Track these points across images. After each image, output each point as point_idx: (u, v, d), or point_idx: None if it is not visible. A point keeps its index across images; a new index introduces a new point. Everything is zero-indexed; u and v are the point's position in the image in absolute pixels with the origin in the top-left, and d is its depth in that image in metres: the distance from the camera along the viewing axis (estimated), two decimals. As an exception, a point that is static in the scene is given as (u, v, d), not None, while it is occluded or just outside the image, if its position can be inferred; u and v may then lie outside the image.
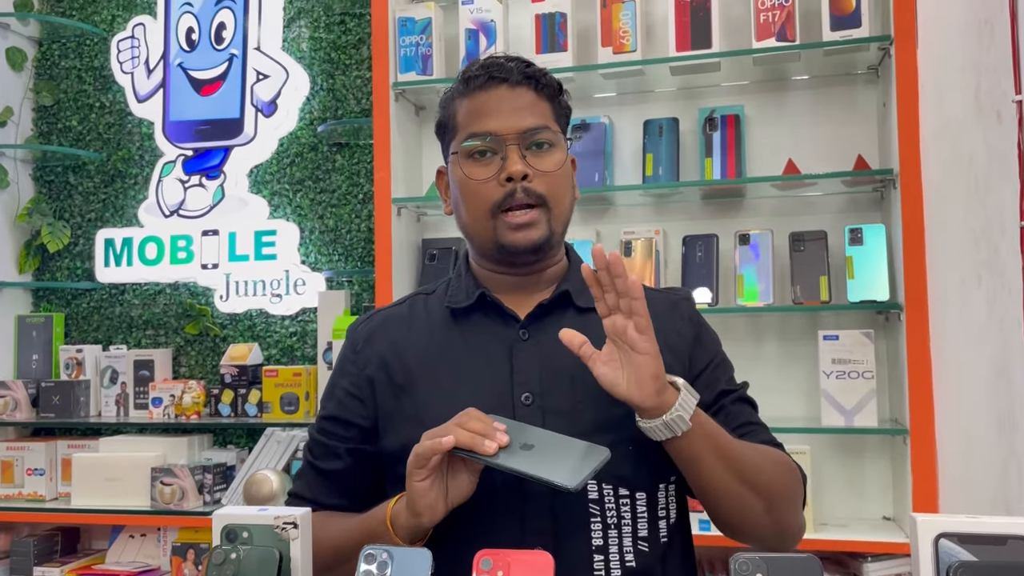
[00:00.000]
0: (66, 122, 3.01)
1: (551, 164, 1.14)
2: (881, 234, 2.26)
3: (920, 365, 2.10)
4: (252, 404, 2.68)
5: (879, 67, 2.36)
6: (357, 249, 2.77)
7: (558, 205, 1.15)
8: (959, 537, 0.89)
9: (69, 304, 2.98)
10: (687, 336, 1.19)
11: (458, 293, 1.20)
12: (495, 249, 1.15)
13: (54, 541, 2.79)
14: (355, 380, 1.21)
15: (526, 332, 1.16)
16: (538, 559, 0.90)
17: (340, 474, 1.21)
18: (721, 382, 1.19)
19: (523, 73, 1.15)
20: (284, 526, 1.07)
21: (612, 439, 1.06)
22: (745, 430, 1.16)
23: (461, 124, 1.16)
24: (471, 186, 1.14)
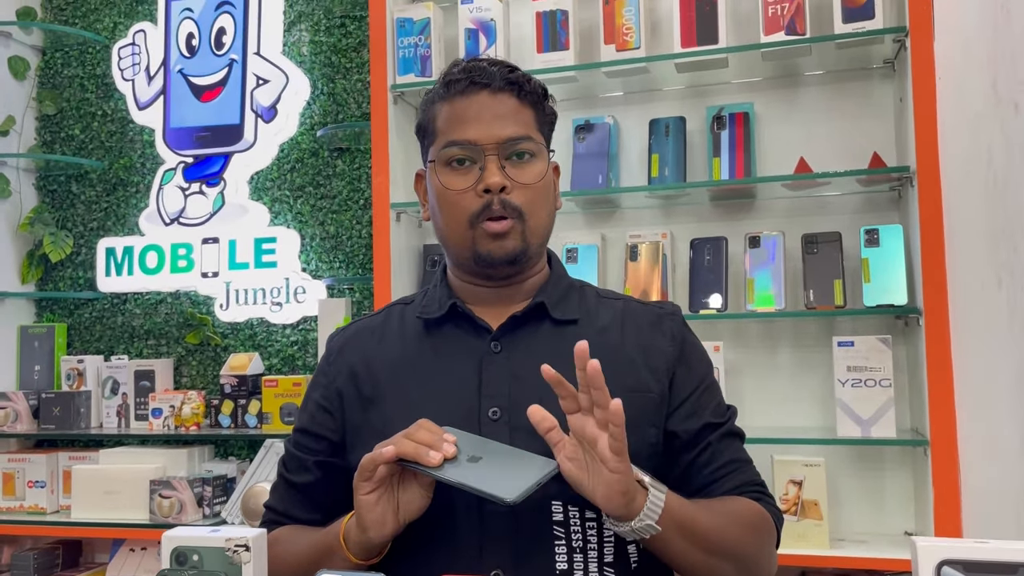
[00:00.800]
0: (69, 131, 2.99)
1: (530, 176, 1.11)
2: (899, 235, 2.15)
3: (940, 372, 1.99)
4: (252, 415, 2.63)
5: (895, 60, 2.26)
6: (358, 256, 2.71)
7: (534, 217, 1.12)
8: (964, 565, 0.81)
9: (72, 314, 2.95)
10: (669, 355, 1.14)
11: (432, 303, 1.18)
12: (472, 259, 1.12)
13: (55, 554, 2.75)
14: (325, 392, 1.19)
15: (498, 344, 1.12)
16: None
17: (310, 487, 1.19)
18: (707, 412, 1.14)
19: (505, 79, 1.12)
20: (236, 549, 1.00)
21: None
22: (728, 469, 1.13)
23: (440, 130, 1.13)
24: (448, 196, 1.11)
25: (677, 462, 1.13)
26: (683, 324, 1.19)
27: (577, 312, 1.15)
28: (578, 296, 1.18)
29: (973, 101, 1.74)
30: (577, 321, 1.14)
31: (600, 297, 1.20)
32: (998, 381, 1.64)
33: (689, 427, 1.12)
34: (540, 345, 1.12)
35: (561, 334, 1.12)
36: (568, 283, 1.19)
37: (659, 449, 1.11)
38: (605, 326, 1.15)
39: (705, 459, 1.12)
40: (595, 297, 1.19)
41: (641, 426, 1.09)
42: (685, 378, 1.14)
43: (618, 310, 1.17)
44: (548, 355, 1.08)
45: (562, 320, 1.14)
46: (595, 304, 1.18)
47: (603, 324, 1.15)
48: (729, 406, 1.19)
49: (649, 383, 1.11)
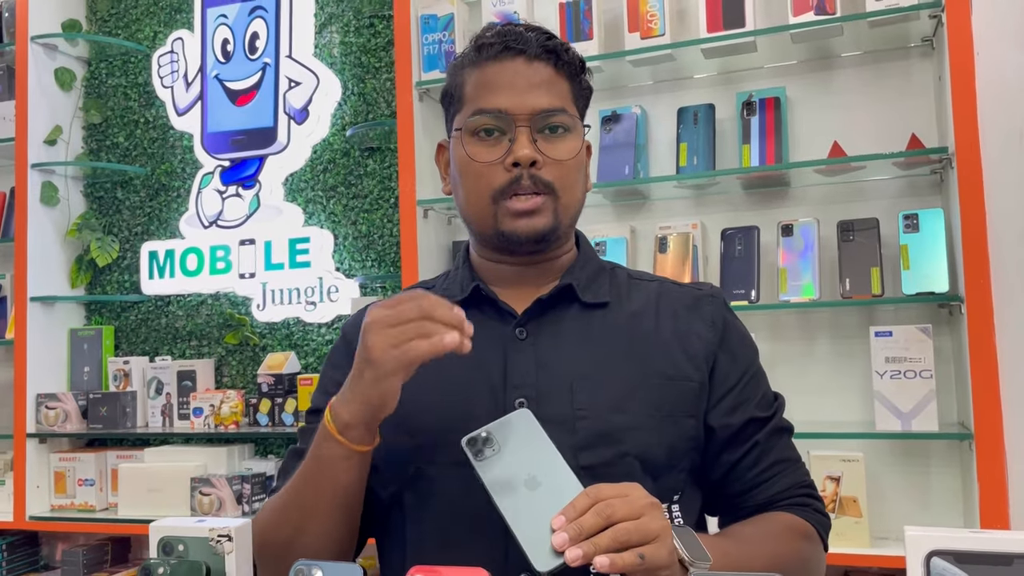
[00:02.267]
0: (114, 139, 3.07)
1: (564, 151, 1.03)
2: (939, 219, 2.06)
3: (984, 362, 1.89)
4: (288, 413, 2.66)
5: (933, 38, 2.16)
6: (390, 254, 2.71)
7: (567, 194, 1.04)
8: (955, 555, 0.76)
9: (119, 317, 3.03)
10: (709, 340, 1.06)
11: (453, 286, 1.11)
12: (495, 236, 1.05)
13: (104, 551, 2.83)
14: (343, 374, 1.12)
15: (523, 331, 1.05)
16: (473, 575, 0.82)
17: None
18: (751, 405, 1.05)
19: (543, 46, 1.03)
20: (219, 539, 1.00)
21: (612, 453, 0.98)
22: (775, 471, 1.05)
23: (469, 97, 1.05)
24: (473, 168, 1.03)
25: (719, 461, 1.06)
26: (725, 306, 1.10)
27: (608, 295, 1.08)
28: (609, 278, 1.11)
29: (1009, 77, 1.65)
30: (608, 304, 1.07)
31: (632, 279, 1.12)
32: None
33: (732, 422, 1.04)
34: (568, 330, 1.05)
35: (590, 318, 1.06)
36: (598, 264, 1.12)
37: (699, 443, 1.04)
38: (638, 310, 1.07)
39: (751, 460, 1.05)
40: (627, 279, 1.12)
41: (678, 417, 1.02)
42: (727, 367, 1.06)
43: (652, 292, 1.10)
44: (576, 341, 1.04)
45: (592, 304, 1.06)
46: (627, 286, 1.10)
47: (636, 308, 1.07)
48: (776, 395, 1.10)
49: (687, 371, 1.04)
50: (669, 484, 1.01)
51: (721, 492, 1.07)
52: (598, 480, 0.94)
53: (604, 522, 0.81)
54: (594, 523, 0.80)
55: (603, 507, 0.81)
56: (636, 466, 0.98)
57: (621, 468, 0.97)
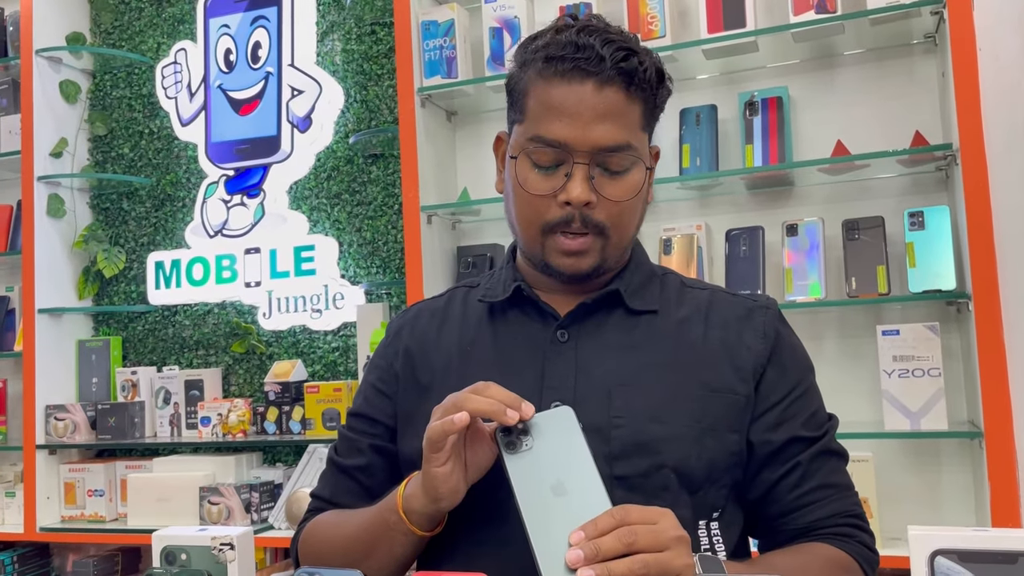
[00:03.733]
0: (119, 150, 3.08)
1: (621, 192, 0.98)
2: (945, 216, 2.05)
3: (993, 359, 1.88)
4: (296, 421, 2.66)
5: (936, 34, 2.15)
6: (394, 260, 2.72)
7: (618, 233, 1.00)
8: (959, 554, 0.75)
9: (126, 327, 3.04)
10: (759, 353, 1.01)
11: (496, 286, 1.08)
12: (540, 265, 1.03)
13: (114, 561, 2.83)
14: (383, 375, 1.11)
15: (565, 333, 1.02)
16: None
17: (362, 471, 1.10)
18: (797, 423, 1.00)
19: (617, 68, 0.95)
20: (221, 547, 1.00)
21: (648, 464, 0.95)
22: (819, 496, 0.99)
23: (531, 112, 0.99)
24: (525, 197, 0.99)
25: (758, 479, 1.00)
26: (778, 319, 1.05)
27: (656, 302, 1.04)
28: (659, 285, 1.06)
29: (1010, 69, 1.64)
30: (656, 312, 1.03)
31: (684, 286, 1.08)
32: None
33: (773, 439, 0.99)
34: (611, 336, 1.01)
35: (635, 325, 1.02)
36: (649, 270, 1.08)
37: (742, 459, 1.00)
38: (686, 317, 1.03)
39: (793, 481, 0.99)
40: (679, 286, 1.08)
41: (720, 432, 0.97)
42: (775, 381, 1.01)
43: (703, 301, 1.05)
44: (619, 347, 1.01)
45: (638, 310, 1.03)
46: (677, 294, 1.06)
47: (684, 315, 1.03)
48: (830, 416, 1.05)
49: (733, 383, 0.99)
50: (708, 501, 0.98)
51: (760, 513, 1.03)
52: (632, 492, 0.93)
53: (624, 549, 0.77)
54: (613, 547, 0.77)
55: (626, 533, 0.77)
56: (673, 479, 0.95)
57: (657, 481, 0.94)
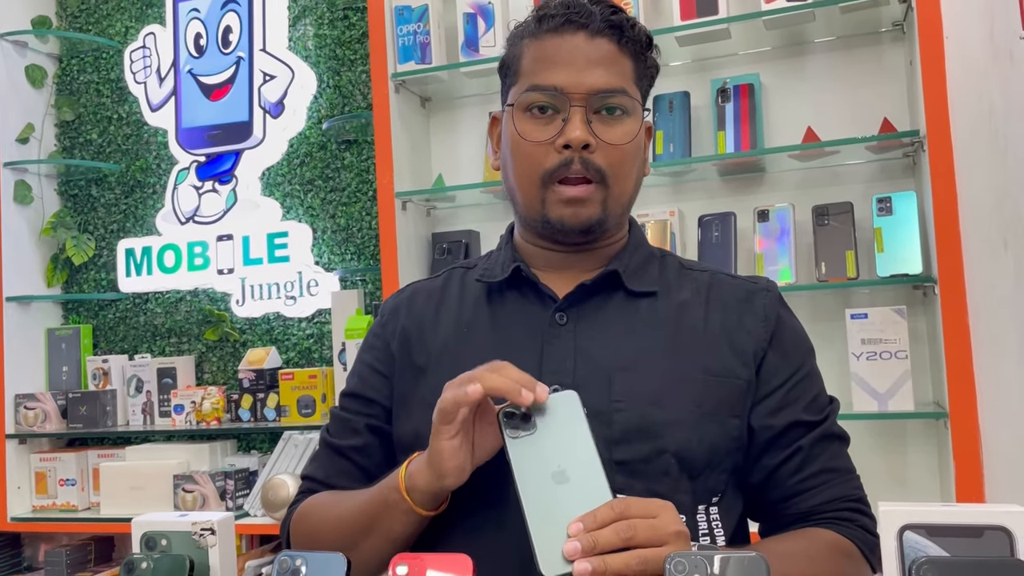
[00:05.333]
0: (87, 136, 3.04)
1: (619, 135, 0.98)
2: (912, 202, 2.09)
3: (958, 342, 1.92)
4: (271, 408, 2.65)
5: (904, 22, 2.19)
6: (369, 247, 2.71)
7: (619, 183, 0.99)
8: (927, 529, 0.77)
9: (96, 315, 3.01)
10: (759, 337, 1.01)
11: (494, 266, 1.08)
12: (541, 223, 1.01)
13: (88, 550, 2.81)
14: (379, 355, 1.10)
15: (563, 316, 1.01)
16: (457, 561, 0.83)
17: (357, 451, 1.09)
18: (798, 407, 0.99)
19: (607, 20, 0.98)
20: (201, 532, 1.01)
21: (648, 449, 0.95)
22: (820, 480, 0.99)
23: (524, 70, 1.01)
24: (523, 147, 0.99)
25: (759, 464, 1.00)
26: (779, 302, 1.04)
27: (656, 284, 1.03)
28: (658, 266, 1.06)
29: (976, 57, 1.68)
30: (655, 294, 1.02)
31: (684, 268, 1.07)
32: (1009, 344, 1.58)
33: (774, 424, 0.98)
34: (610, 318, 1.01)
35: (635, 307, 1.01)
36: (648, 251, 1.07)
37: (743, 444, 0.99)
38: (686, 300, 1.03)
39: (794, 466, 0.98)
40: (678, 268, 1.07)
41: (721, 416, 0.97)
42: (777, 365, 1.00)
43: (703, 283, 1.05)
44: (618, 330, 1.00)
45: (638, 292, 1.02)
46: (677, 276, 1.06)
47: (684, 298, 1.03)
48: (831, 399, 1.04)
49: (734, 368, 0.99)
50: (708, 485, 0.97)
51: (761, 498, 1.02)
52: (633, 477, 0.93)
53: (621, 543, 0.76)
54: (610, 541, 0.76)
55: (625, 527, 0.77)
56: (673, 464, 0.95)
57: (657, 465, 0.94)
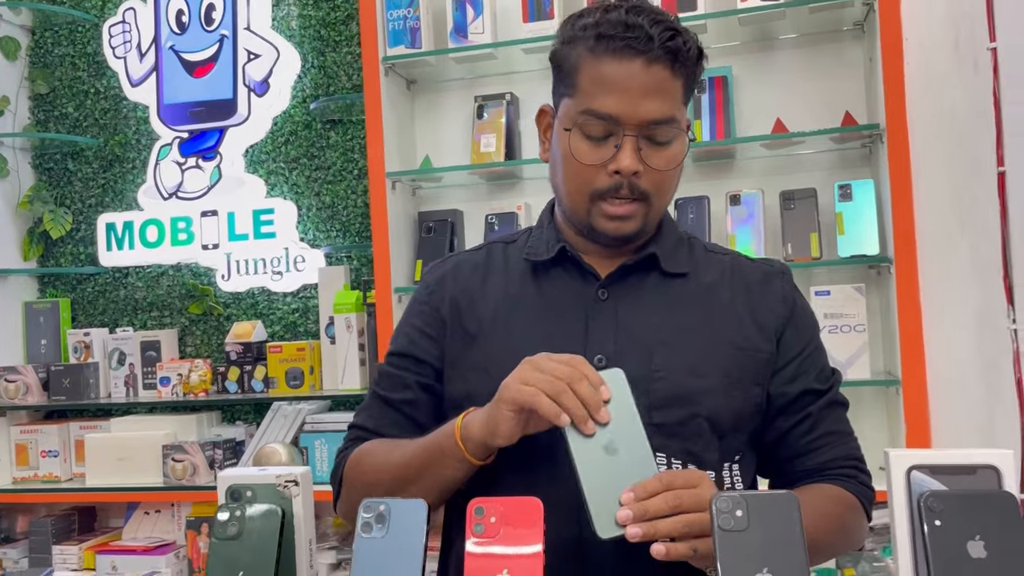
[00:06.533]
0: (62, 109, 3.04)
1: (665, 161, 1.06)
2: (870, 189, 2.29)
3: (910, 316, 2.13)
4: (258, 380, 2.73)
5: (864, 22, 2.37)
6: (354, 224, 2.80)
7: (660, 200, 1.09)
8: (930, 468, 0.93)
9: (74, 289, 3.03)
10: (779, 315, 1.13)
11: (539, 245, 1.16)
12: (585, 228, 1.11)
13: (71, 520, 2.86)
14: (428, 319, 1.18)
15: (605, 292, 1.11)
16: (528, 504, 0.93)
17: (408, 404, 1.17)
18: (810, 377, 1.13)
19: (664, 47, 1.02)
20: (286, 484, 1.11)
21: (685, 414, 1.06)
22: (825, 441, 1.12)
23: (581, 88, 1.06)
24: (575, 166, 1.07)
25: (773, 426, 1.12)
26: (792, 284, 1.16)
27: (687, 266, 1.13)
28: (687, 249, 1.16)
29: (938, 61, 1.86)
30: (687, 275, 1.13)
31: (708, 251, 1.18)
32: (962, 321, 1.78)
33: (788, 391, 1.11)
34: (647, 296, 1.11)
35: (669, 286, 1.12)
36: (678, 235, 1.17)
37: (762, 410, 1.11)
38: (713, 281, 1.13)
39: (804, 429, 1.11)
40: (703, 251, 1.17)
41: (747, 385, 1.09)
42: (792, 339, 1.12)
43: (726, 266, 1.15)
44: (655, 307, 1.11)
45: (672, 273, 1.12)
46: (703, 258, 1.16)
47: (711, 279, 1.13)
48: (834, 371, 1.16)
49: (758, 342, 1.10)
50: (733, 445, 1.09)
51: (773, 455, 1.14)
52: (669, 439, 1.05)
53: (669, 511, 0.88)
54: (660, 509, 0.88)
55: (672, 496, 0.88)
56: (705, 427, 1.06)
57: (691, 428, 1.05)
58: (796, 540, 0.85)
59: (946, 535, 0.85)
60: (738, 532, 0.86)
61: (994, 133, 1.41)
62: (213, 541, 1.05)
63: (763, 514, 0.87)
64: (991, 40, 1.41)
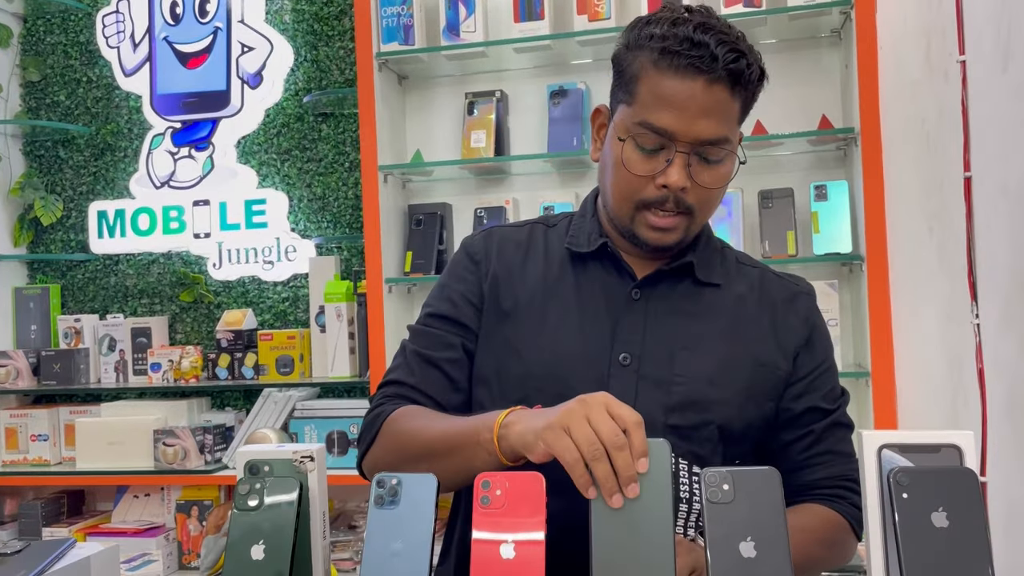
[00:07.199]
0: (54, 97, 3.06)
1: (714, 180, 1.08)
2: (844, 190, 2.39)
3: (880, 312, 2.24)
4: (248, 367, 2.79)
5: (841, 30, 2.47)
6: (345, 216, 2.86)
7: (704, 214, 1.12)
8: (899, 447, 1.02)
9: (64, 275, 3.06)
10: (799, 336, 1.15)
11: (580, 236, 1.18)
12: (627, 232, 1.13)
13: (60, 503, 2.90)
14: (473, 289, 1.19)
15: (638, 292, 1.13)
16: (531, 479, 1.00)
17: (453, 364, 1.16)
18: (817, 395, 1.15)
19: (727, 69, 1.03)
20: (302, 459, 1.18)
21: (699, 419, 1.09)
22: (823, 460, 1.14)
23: (640, 98, 1.07)
24: (626, 175, 1.09)
25: (776, 438, 1.15)
26: (815, 305, 1.19)
27: (720, 277, 1.16)
28: (720, 259, 1.18)
29: (910, 70, 1.96)
30: (720, 285, 1.15)
31: (739, 263, 1.20)
32: (928, 317, 1.89)
33: (794, 407, 1.13)
34: (678, 302, 1.13)
35: (700, 294, 1.14)
36: (713, 245, 1.19)
37: (771, 423, 1.14)
38: (742, 294, 1.16)
39: (805, 444, 1.13)
40: (735, 262, 1.19)
41: (761, 400, 1.12)
42: (806, 360, 1.15)
43: (755, 280, 1.18)
44: (684, 312, 1.13)
45: (705, 282, 1.14)
46: (735, 269, 1.18)
47: (741, 292, 1.16)
48: (843, 391, 1.19)
49: (777, 360, 1.13)
50: (736, 453, 1.13)
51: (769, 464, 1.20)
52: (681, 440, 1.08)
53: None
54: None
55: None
56: (716, 433, 1.10)
57: (703, 433, 1.09)
58: (777, 512, 0.94)
59: (912, 507, 0.94)
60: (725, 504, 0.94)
61: (962, 140, 1.50)
62: (234, 512, 1.11)
63: (748, 488, 0.95)
64: (960, 53, 1.51)
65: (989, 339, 1.42)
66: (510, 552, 0.94)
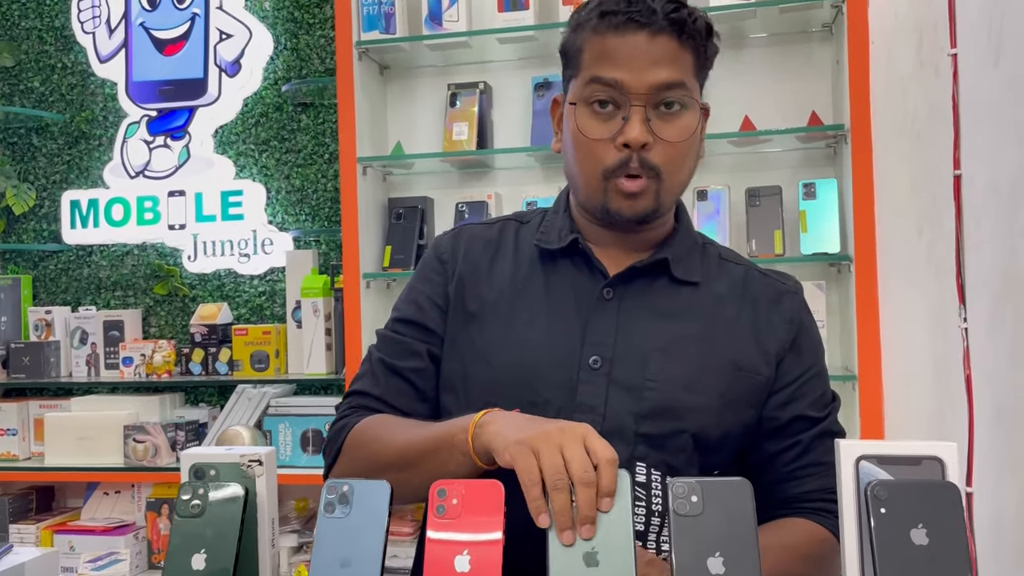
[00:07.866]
0: (28, 83, 2.99)
1: (676, 132, 1.02)
2: (833, 188, 2.33)
3: (868, 314, 2.18)
4: (223, 362, 2.72)
5: (832, 24, 2.41)
6: (324, 209, 2.79)
7: (672, 176, 1.04)
8: (878, 459, 0.96)
9: (36, 266, 2.99)
10: (783, 339, 1.09)
11: (550, 232, 1.12)
12: (600, 211, 1.07)
13: (29, 499, 2.83)
14: (438, 291, 1.14)
15: (610, 291, 1.08)
16: (490, 487, 0.95)
17: (418, 373, 1.12)
18: (804, 403, 1.08)
19: (668, 18, 1.01)
20: (250, 464, 1.12)
21: (671, 427, 1.04)
22: (811, 472, 1.07)
23: (586, 65, 1.04)
24: (584, 144, 1.04)
25: (760, 448, 1.09)
26: (802, 305, 1.12)
27: (699, 274, 1.10)
28: (700, 256, 1.12)
29: (902, 65, 1.91)
30: (698, 284, 1.09)
31: (722, 259, 1.14)
32: (916, 319, 1.83)
33: (780, 416, 1.07)
34: (653, 300, 1.08)
35: (677, 293, 1.08)
36: (693, 240, 1.13)
37: (752, 431, 1.08)
38: (723, 294, 1.10)
39: (791, 455, 1.07)
40: (717, 259, 1.13)
41: (740, 407, 1.06)
42: (791, 364, 1.08)
43: (738, 279, 1.11)
44: (659, 313, 1.07)
45: (682, 280, 1.08)
46: (716, 267, 1.12)
47: (721, 291, 1.10)
48: (834, 396, 1.12)
49: (758, 365, 1.07)
50: (714, 462, 1.06)
51: (754, 478, 1.11)
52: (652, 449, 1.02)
53: None
54: None
55: None
56: (690, 443, 1.03)
57: (676, 442, 1.03)
58: (748, 525, 0.88)
59: (890, 522, 0.88)
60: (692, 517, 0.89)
61: (952, 137, 1.44)
62: (176, 518, 1.04)
63: (717, 500, 0.89)
64: (952, 46, 1.45)
65: (977, 343, 1.37)
66: (465, 565, 0.91)
